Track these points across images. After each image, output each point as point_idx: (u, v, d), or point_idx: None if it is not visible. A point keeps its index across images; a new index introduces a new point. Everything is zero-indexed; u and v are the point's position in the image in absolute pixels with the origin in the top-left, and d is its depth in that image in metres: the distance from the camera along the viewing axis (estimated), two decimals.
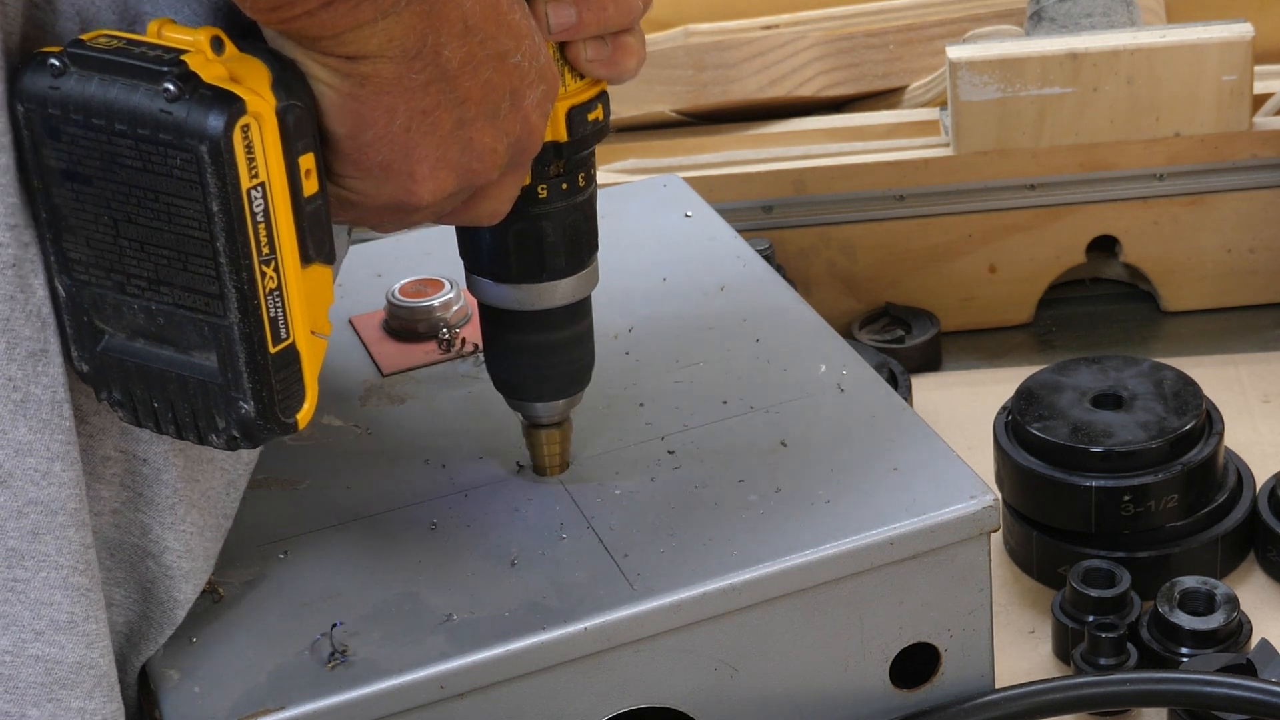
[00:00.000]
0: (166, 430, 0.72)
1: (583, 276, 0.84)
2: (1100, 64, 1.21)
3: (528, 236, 0.81)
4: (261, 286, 0.69)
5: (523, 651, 0.79)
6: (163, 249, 0.68)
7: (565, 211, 0.82)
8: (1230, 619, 0.96)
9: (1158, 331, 1.28)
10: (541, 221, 0.81)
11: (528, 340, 0.84)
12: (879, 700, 0.87)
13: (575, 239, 0.82)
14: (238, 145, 0.66)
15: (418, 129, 0.70)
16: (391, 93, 0.69)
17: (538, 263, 0.82)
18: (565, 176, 0.81)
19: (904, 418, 0.90)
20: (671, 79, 1.37)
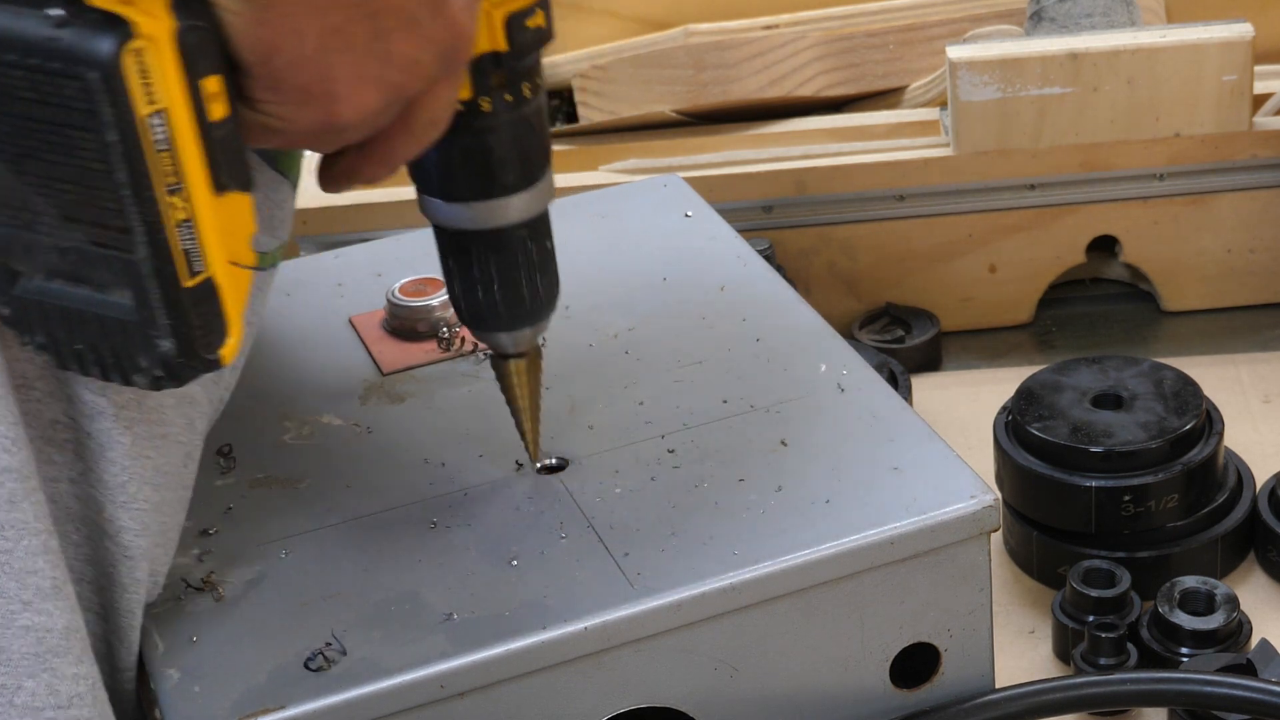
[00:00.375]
0: (91, 372, 0.70)
1: (536, 191, 0.80)
2: (1100, 64, 1.21)
3: (474, 152, 0.78)
4: (169, 218, 0.65)
5: (523, 651, 0.79)
6: (66, 183, 0.65)
7: (512, 124, 0.78)
8: (1230, 619, 0.96)
9: (1158, 331, 1.28)
10: (487, 136, 0.78)
11: (486, 263, 0.81)
12: (879, 700, 0.87)
13: (525, 152, 0.79)
14: (130, 71, 0.63)
15: (331, 48, 0.67)
16: (297, 14, 0.66)
17: (487, 179, 0.79)
18: (509, 88, 0.77)
19: (904, 418, 0.90)
20: (671, 79, 1.37)
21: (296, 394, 0.96)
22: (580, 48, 1.46)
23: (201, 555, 0.85)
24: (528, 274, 0.82)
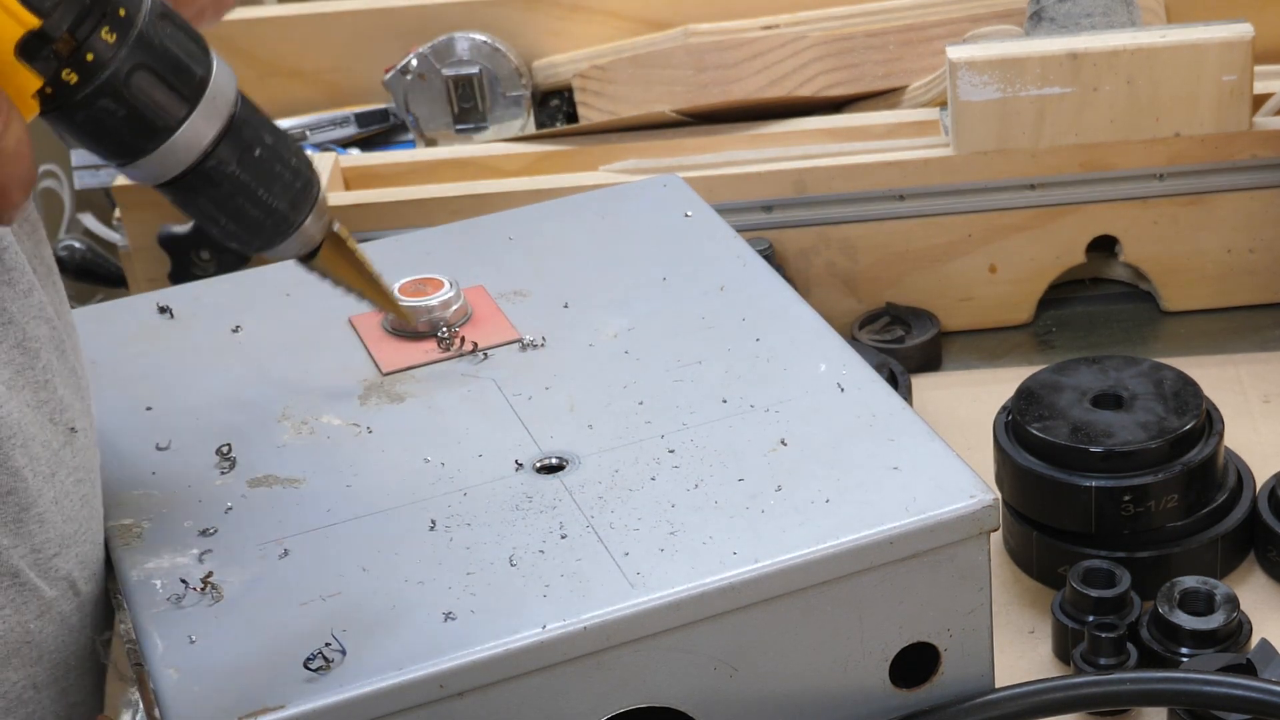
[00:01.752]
0: None
1: (203, 112, 0.73)
2: (1100, 64, 1.21)
3: (99, 121, 0.71)
4: None
5: (522, 651, 0.79)
6: None
7: (116, 76, 0.70)
8: (1230, 619, 0.96)
9: (1158, 331, 1.28)
10: (98, 101, 0.71)
11: (209, 197, 0.75)
12: (879, 700, 0.87)
13: (153, 92, 0.71)
14: None
15: None
16: None
17: (134, 137, 0.72)
18: (83, 48, 0.69)
19: (904, 417, 0.90)
20: (671, 79, 1.37)
21: (296, 394, 0.96)
22: (580, 48, 1.46)
23: (201, 555, 0.85)
24: (246, 197, 0.75)
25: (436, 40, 1.44)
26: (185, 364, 1.00)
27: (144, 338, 1.02)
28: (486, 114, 1.45)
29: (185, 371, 0.99)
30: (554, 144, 1.34)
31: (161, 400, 0.97)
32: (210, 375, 0.99)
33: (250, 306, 1.04)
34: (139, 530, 0.87)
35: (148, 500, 0.89)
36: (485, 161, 1.33)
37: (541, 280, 1.04)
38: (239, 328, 1.02)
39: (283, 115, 1.45)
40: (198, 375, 0.99)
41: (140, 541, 0.87)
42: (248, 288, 1.06)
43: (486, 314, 1.01)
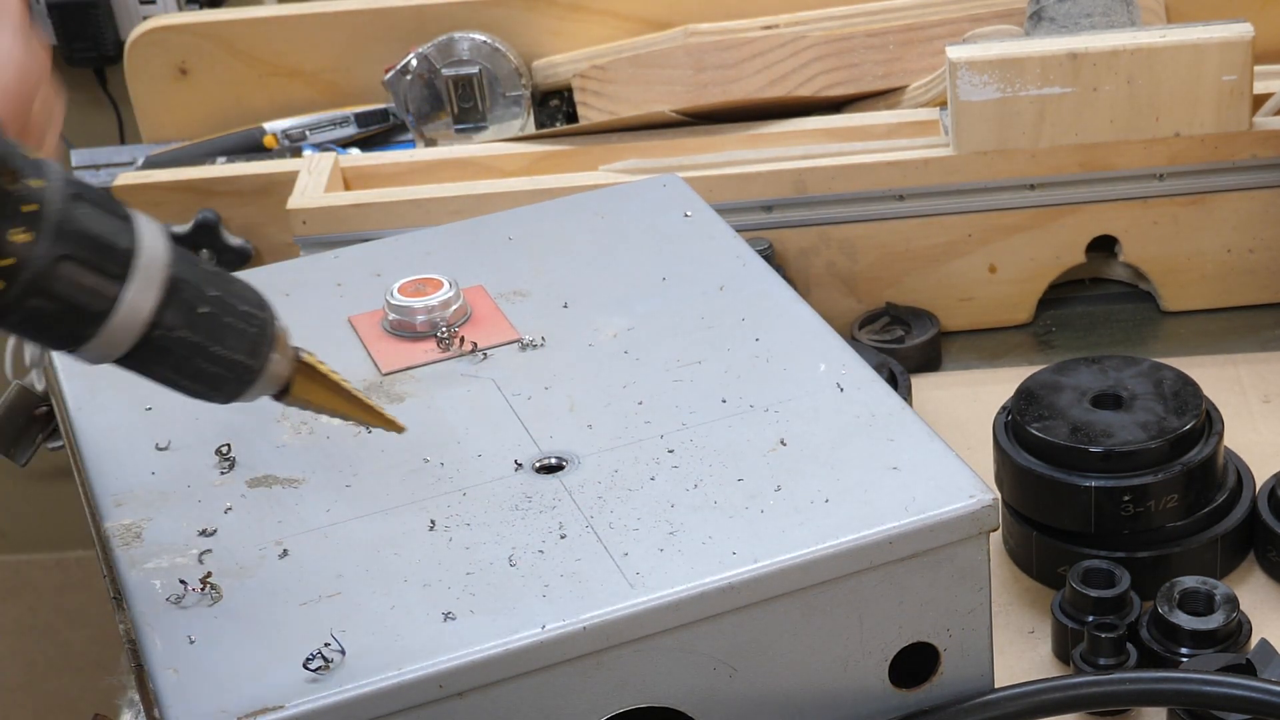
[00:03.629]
0: None
1: (136, 287, 0.70)
2: (1100, 64, 1.21)
3: (33, 320, 0.69)
4: None
5: (522, 651, 0.79)
6: None
7: (40, 276, 0.67)
8: (1230, 619, 0.96)
9: (1158, 331, 1.28)
10: (28, 302, 0.68)
11: (163, 366, 0.74)
12: (878, 700, 0.87)
13: (81, 280, 0.68)
14: None
15: None
16: None
17: (71, 329, 0.70)
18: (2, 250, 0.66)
19: (904, 417, 0.90)
20: (671, 79, 1.37)
21: None
22: (580, 48, 1.46)
23: (201, 555, 0.85)
24: (203, 357, 0.74)
25: (436, 40, 1.44)
26: None
27: None
28: (486, 114, 1.45)
29: None
30: (554, 144, 1.34)
31: (161, 400, 0.97)
32: None
33: None
34: (139, 530, 0.87)
35: (148, 500, 0.89)
36: (485, 161, 1.33)
37: (541, 280, 1.04)
38: None
39: (283, 115, 1.45)
40: None
41: (140, 541, 0.87)
42: None
43: (486, 314, 1.01)
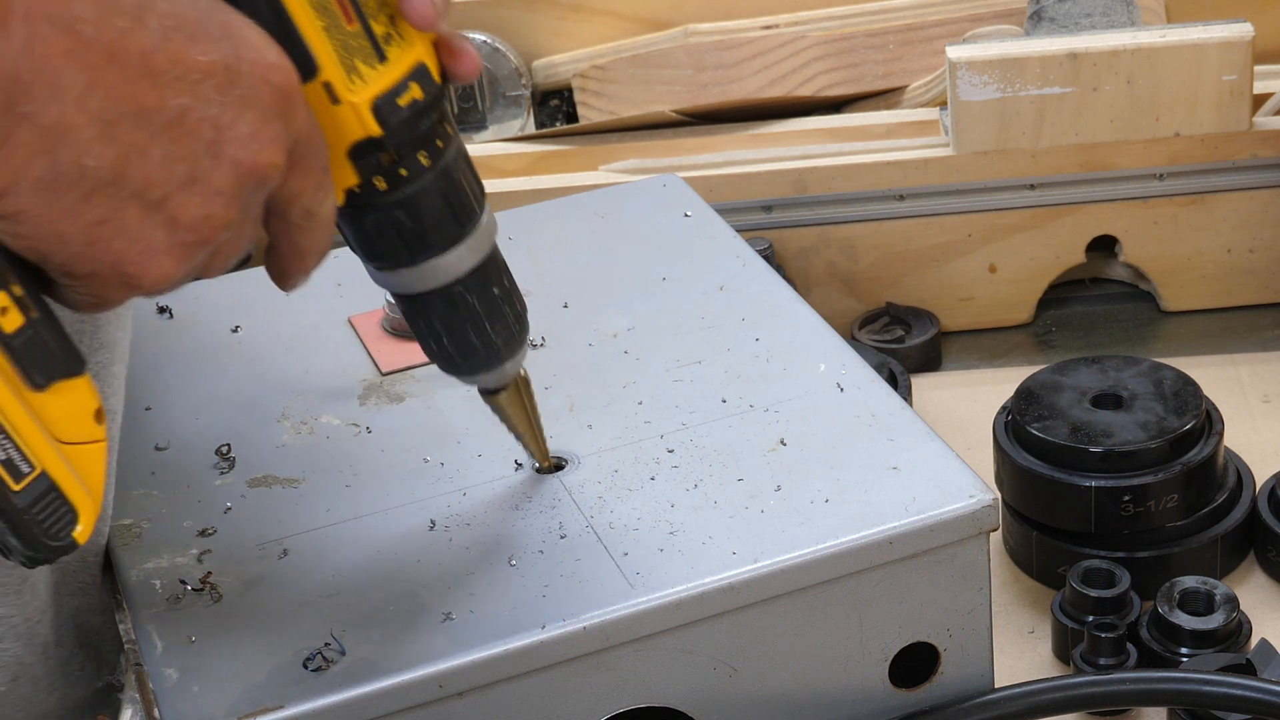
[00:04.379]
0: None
1: (468, 245, 0.79)
2: (1100, 64, 1.21)
3: (385, 226, 0.77)
4: None
5: (521, 651, 0.79)
6: None
7: (417, 194, 0.77)
8: (1230, 619, 0.96)
9: (1158, 331, 1.28)
10: (393, 211, 0.77)
11: (440, 318, 0.81)
12: (878, 700, 0.86)
13: (439, 216, 0.78)
14: None
15: (101, 238, 0.66)
16: (50, 220, 0.64)
17: (405, 249, 0.78)
18: (402, 162, 0.76)
19: (904, 417, 0.90)
20: (671, 79, 1.37)
21: (296, 394, 0.96)
22: (580, 48, 1.46)
23: (201, 555, 0.85)
24: (474, 326, 0.81)
25: None
26: (185, 364, 1.00)
27: (144, 338, 1.02)
28: (486, 114, 1.45)
29: (185, 371, 0.99)
30: (554, 144, 1.34)
31: (161, 400, 0.97)
32: (210, 375, 0.99)
33: (250, 306, 1.04)
34: (139, 530, 0.87)
35: (147, 500, 0.89)
36: (485, 161, 1.33)
37: (541, 280, 1.04)
38: (239, 328, 1.02)
39: None
40: (197, 375, 0.99)
41: (140, 541, 0.87)
42: (248, 288, 1.06)
43: None
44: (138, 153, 0.65)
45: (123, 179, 0.65)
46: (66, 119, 0.63)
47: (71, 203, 0.64)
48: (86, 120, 0.64)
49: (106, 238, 0.66)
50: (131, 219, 0.66)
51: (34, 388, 0.68)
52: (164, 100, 0.65)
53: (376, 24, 0.74)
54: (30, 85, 0.62)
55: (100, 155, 0.64)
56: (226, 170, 0.68)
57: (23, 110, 0.62)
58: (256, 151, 0.68)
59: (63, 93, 0.63)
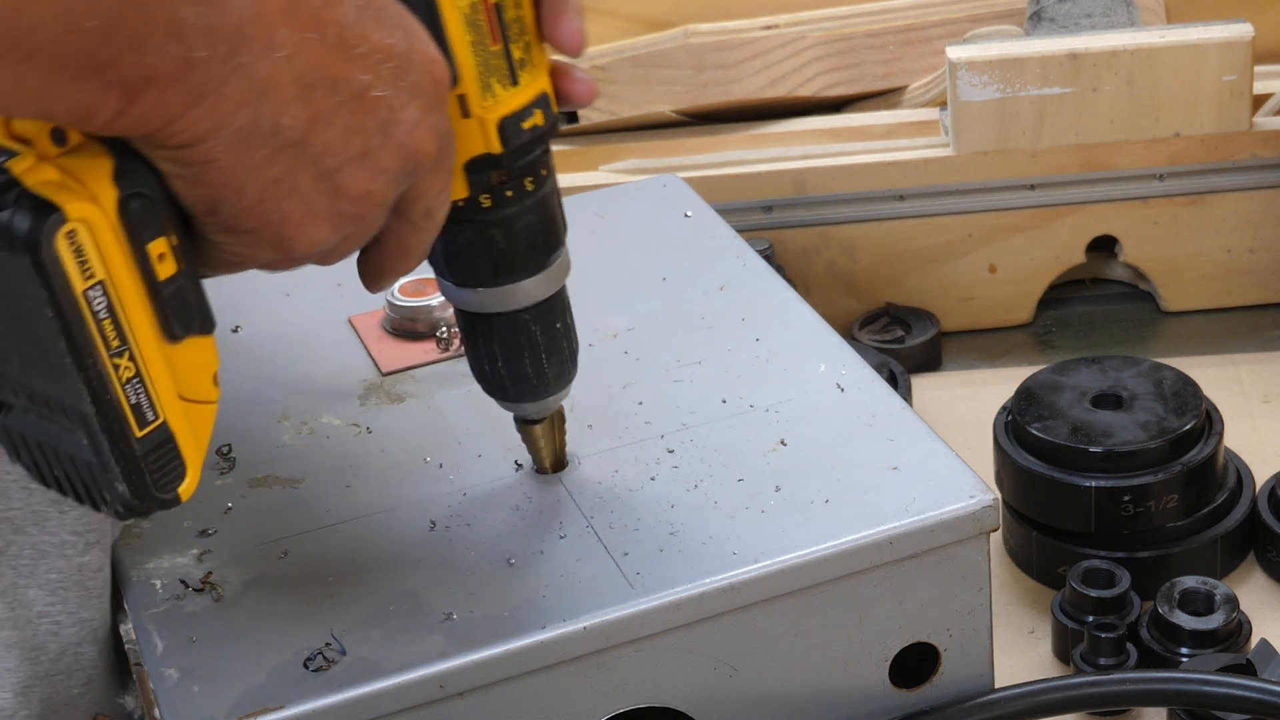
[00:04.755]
0: (68, 495, 0.72)
1: (548, 274, 0.82)
2: (1100, 64, 1.21)
3: (478, 244, 0.80)
4: (116, 378, 0.68)
5: (522, 651, 0.79)
6: (23, 341, 0.68)
7: (515, 217, 0.80)
8: (1230, 619, 0.96)
9: (1158, 331, 1.28)
10: (490, 229, 0.79)
11: (497, 342, 0.83)
12: (878, 700, 0.86)
13: (530, 242, 0.81)
14: (63, 252, 0.65)
15: (273, 197, 0.68)
16: (235, 172, 0.66)
17: (491, 268, 0.81)
18: (510, 184, 0.79)
19: (904, 417, 0.90)
20: (671, 79, 1.37)
21: (296, 394, 0.96)
22: None
23: (201, 555, 0.85)
24: (531, 355, 0.83)
25: None
26: None
27: None
28: None
29: None
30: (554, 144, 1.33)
31: None
32: None
33: (250, 306, 1.04)
34: (139, 530, 0.87)
35: None
36: None
37: None
38: (239, 328, 1.02)
39: None
40: None
41: (140, 541, 0.87)
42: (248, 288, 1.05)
43: None
44: (324, 120, 0.67)
45: (307, 142, 0.67)
46: (275, 76, 0.65)
47: (259, 158, 0.66)
48: (290, 80, 0.66)
49: (279, 197, 0.68)
50: (305, 182, 0.68)
51: (170, 339, 0.69)
52: (351, 74, 0.68)
53: (515, 48, 0.76)
54: (250, 39, 0.64)
55: (295, 116, 0.66)
56: (393, 151, 0.70)
57: (239, 61, 0.64)
58: (419, 138, 0.71)
59: (275, 50, 0.65)
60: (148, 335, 0.69)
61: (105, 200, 0.66)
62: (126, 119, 0.62)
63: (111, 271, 0.67)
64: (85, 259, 0.66)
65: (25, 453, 0.72)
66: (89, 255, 0.66)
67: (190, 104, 0.63)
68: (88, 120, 0.62)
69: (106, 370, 0.68)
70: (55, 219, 0.65)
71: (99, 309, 0.67)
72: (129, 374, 0.68)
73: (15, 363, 0.69)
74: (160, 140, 0.64)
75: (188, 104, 0.63)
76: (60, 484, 0.72)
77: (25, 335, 0.67)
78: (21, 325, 0.67)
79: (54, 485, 0.72)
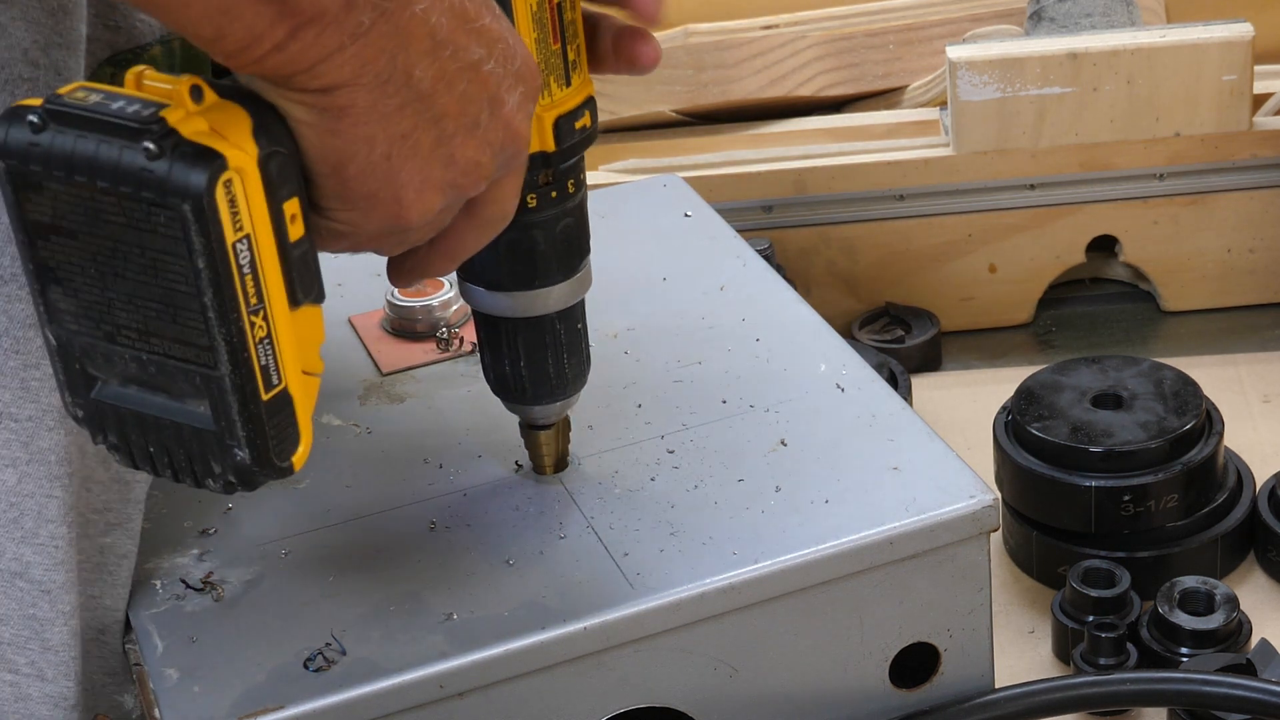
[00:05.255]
0: (163, 473, 0.72)
1: (576, 281, 0.83)
2: (1100, 64, 1.21)
3: (519, 245, 0.81)
4: (251, 337, 0.68)
5: (522, 651, 0.79)
6: (151, 302, 0.67)
7: (556, 219, 0.81)
8: (1230, 619, 0.96)
9: (1158, 331, 1.28)
10: (533, 230, 0.81)
11: (523, 345, 0.83)
12: (879, 700, 0.87)
13: (567, 245, 0.82)
14: (221, 201, 0.65)
15: (398, 154, 0.69)
16: (369, 121, 0.67)
17: (530, 271, 0.82)
18: (554, 185, 0.80)
19: (904, 418, 0.90)
20: (671, 79, 1.37)
21: None
22: None
23: (201, 555, 0.85)
24: (554, 355, 0.84)
25: None
26: None
27: None
28: None
29: None
30: None
31: None
32: None
33: None
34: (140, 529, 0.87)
35: (148, 500, 0.89)
36: None
37: None
38: None
39: None
40: None
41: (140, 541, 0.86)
42: None
43: None
44: (447, 81, 0.69)
45: (432, 99, 0.69)
46: (414, 25, 0.67)
47: (391, 109, 0.67)
48: (425, 34, 0.67)
49: (404, 155, 0.69)
50: (425, 144, 0.69)
51: (293, 303, 0.69)
52: (470, 43, 0.69)
53: (571, 49, 0.78)
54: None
55: (425, 69, 0.68)
56: (500, 127, 0.71)
57: (386, 6, 0.65)
58: (521, 121, 0.72)
59: (416, 2, 0.67)
60: (278, 297, 0.69)
61: (249, 156, 0.66)
62: (283, 54, 0.64)
63: (256, 226, 0.67)
64: (237, 210, 0.66)
65: (114, 429, 0.71)
66: (240, 207, 0.66)
67: (342, 45, 0.65)
68: (251, 48, 0.64)
69: (245, 326, 0.67)
70: (219, 165, 0.65)
71: (244, 263, 0.67)
72: (262, 333, 0.68)
73: (129, 327, 0.68)
74: (304, 82, 0.66)
75: (340, 44, 0.65)
76: (154, 461, 0.71)
77: (157, 293, 0.67)
78: (152, 284, 0.67)
79: (145, 463, 0.71)
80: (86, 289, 0.68)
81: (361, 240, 0.72)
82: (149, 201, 0.65)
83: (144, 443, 0.71)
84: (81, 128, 0.65)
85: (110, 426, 0.71)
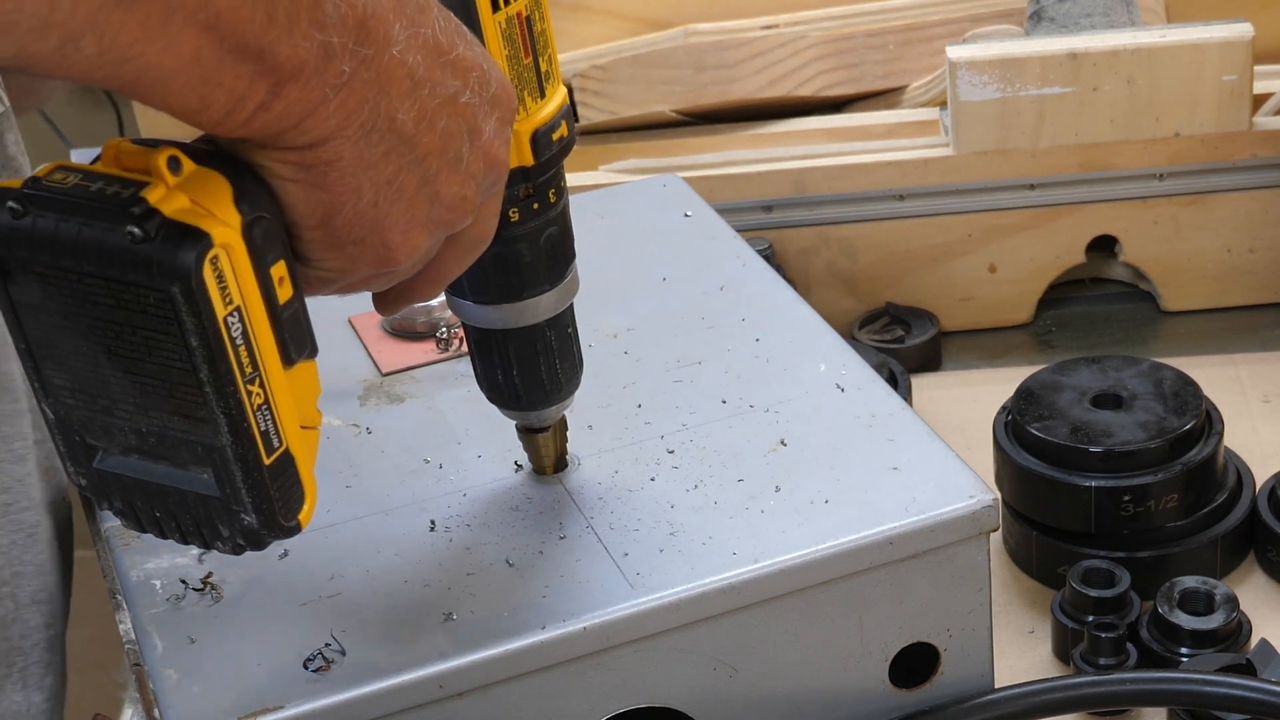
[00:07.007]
0: (171, 536, 0.71)
1: (563, 287, 0.83)
2: (1100, 64, 1.21)
3: (505, 259, 0.81)
4: (249, 405, 0.67)
5: (522, 651, 0.79)
6: (146, 378, 0.67)
7: (540, 229, 0.81)
8: (1230, 619, 0.96)
9: (1158, 331, 1.28)
10: (517, 244, 0.80)
11: (515, 354, 0.84)
12: (878, 700, 0.87)
13: (552, 254, 0.82)
14: (209, 279, 0.65)
15: (384, 200, 0.68)
16: (356, 172, 0.67)
17: (517, 283, 0.81)
18: (536, 197, 0.80)
19: (904, 417, 0.90)
20: (671, 79, 1.37)
21: None
22: (580, 48, 1.46)
23: (201, 555, 0.85)
24: (546, 361, 0.84)
25: None
26: None
27: None
28: None
29: None
30: None
31: None
32: None
33: None
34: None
35: None
36: None
37: None
38: None
39: None
40: None
41: (140, 541, 0.87)
42: None
43: None
44: (429, 120, 0.68)
45: (415, 141, 0.68)
46: (392, 68, 0.66)
47: (376, 156, 0.67)
48: (403, 75, 0.67)
49: (390, 200, 0.68)
50: (410, 186, 0.69)
51: (286, 363, 0.69)
52: (445, 77, 0.69)
53: (543, 60, 0.77)
54: (373, 30, 0.65)
55: (407, 111, 0.67)
56: (479, 158, 0.71)
57: (364, 53, 0.65)
58: (499, 148, 0.72)
59: (392, 43, 0.66)
60: (272, 361, 0.68)
61: (233, 226, 0.66)
62: (269, 114, 0.63)
63: (245, 296, 0.66)
64: (225, 284, 0.65)
65: (119, 497, 0.71)
66: (228, 280, 0.65)
67: (325, 97, 0.64)
68: (235, 112, 0.63)
69: (243, 398, 0.67)
70: (204, 244, 0.64)
71: (236, 335, 0.66)
72: (259, 400, 0.68)
73: (126, 401, 0.68)
74: (291, 140, 0.65)
75: (324, 97, 0.64)
76: (161, 525, 0.71)
77: (152, 370, 0.66)
78: (146, 361, 0.66)
79: (153, 527, 0.71)
80: (79, 366, 0.68)
81: (348, 284, 0.72)
82: (137, 284, 0.65)
83: (150, 509, 0.71)
84: (63, 212, 0.65)
85: (115, 494, 0.71)
